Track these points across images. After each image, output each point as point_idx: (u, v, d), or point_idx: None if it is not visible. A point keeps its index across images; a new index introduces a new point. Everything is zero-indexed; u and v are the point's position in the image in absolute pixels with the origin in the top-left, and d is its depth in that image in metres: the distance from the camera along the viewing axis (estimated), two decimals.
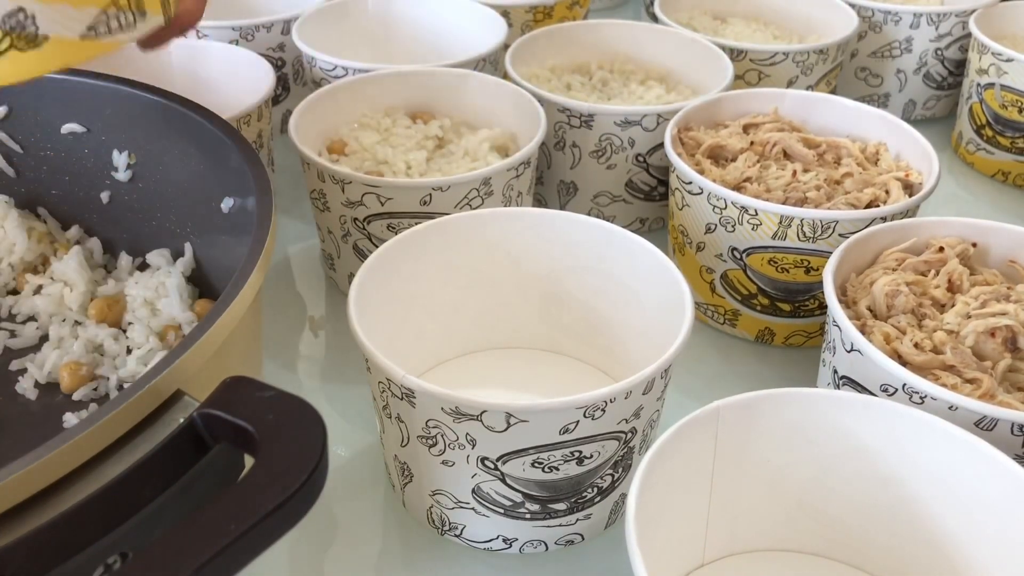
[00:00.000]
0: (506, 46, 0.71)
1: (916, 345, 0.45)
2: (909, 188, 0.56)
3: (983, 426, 0.40)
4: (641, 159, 0.64)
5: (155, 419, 0.31)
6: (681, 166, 0.56)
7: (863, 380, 0.44)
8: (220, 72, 0.70)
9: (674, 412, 0.54)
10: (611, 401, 0.40)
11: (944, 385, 0.42)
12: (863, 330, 0.46)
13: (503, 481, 0.42)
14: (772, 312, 0.57)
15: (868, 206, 0.55)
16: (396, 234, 0.48)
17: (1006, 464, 0.37)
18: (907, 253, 0.50)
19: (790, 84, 0.74)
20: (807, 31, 0.82)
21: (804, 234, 0.52)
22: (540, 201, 0.69)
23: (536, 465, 0.41)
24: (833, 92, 0.79)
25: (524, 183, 0.59)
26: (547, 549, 0.45)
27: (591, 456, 0.42)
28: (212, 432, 0.31)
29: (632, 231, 0.50)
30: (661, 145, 0.63)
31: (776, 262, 0.54)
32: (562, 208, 0.68)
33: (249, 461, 0.31)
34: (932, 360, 0.44)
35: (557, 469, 0.41)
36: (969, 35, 0.78)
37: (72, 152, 0.53)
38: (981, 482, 0.38)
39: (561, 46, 0.74)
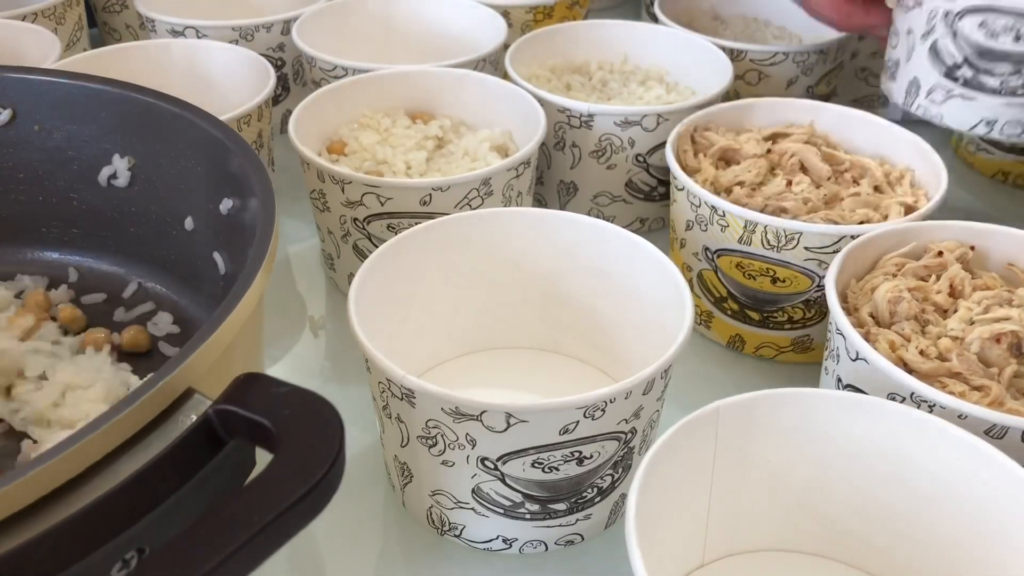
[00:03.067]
0: (506, 46, 0.71)
1: (922, 353, 0.45)
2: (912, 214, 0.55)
3: (993, 434, 0.40)
4: (641, 159, 0.64)
5: (167, 417, 0.31)
6: (670, 160, 0.56)
7: (869, 389, 0.44)
8: (220, 72, 0.70)
9: (672, 412, 0.54)
10: (611, 401, 0.40)
11: (952, 393, 0.42)
12: (867, 338, 0.45)
13: (503, 481, 0.42)
14: (742, 319, 0.56)
15: None
16: (396, 234, 0.48)
17: (1006, 464, 0.37)
18: (906, 258, 0.50)
19: (790, 84, 0.74)
20: (807, 31, 0.82)
21: (768, 242, 0.52)
22: (540, 201, 0.70)
23: (536, 465, 0.41)
24: (833, 92, 0.79)
25: (524, 183, 0.59)
26: (547, 549, 0.45)
27: (591, 456, 0.42)
28: (227, 428, 0.31)
29: (632, 231, 0.50)
30: (661, 145, 0.63)
31: (743, 267, 0.54)
32: (562, 208, 0.68)
33: (261, 457, 0.31)
34: (938, 368, 0.44)
35: (557, 469, 0.41)
36: None
37: (71, 155, 0.52)
38: (981, 482, 0.38)
39: (561, 46, 0.74)
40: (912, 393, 0.42)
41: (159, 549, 0.27)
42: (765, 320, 0.56)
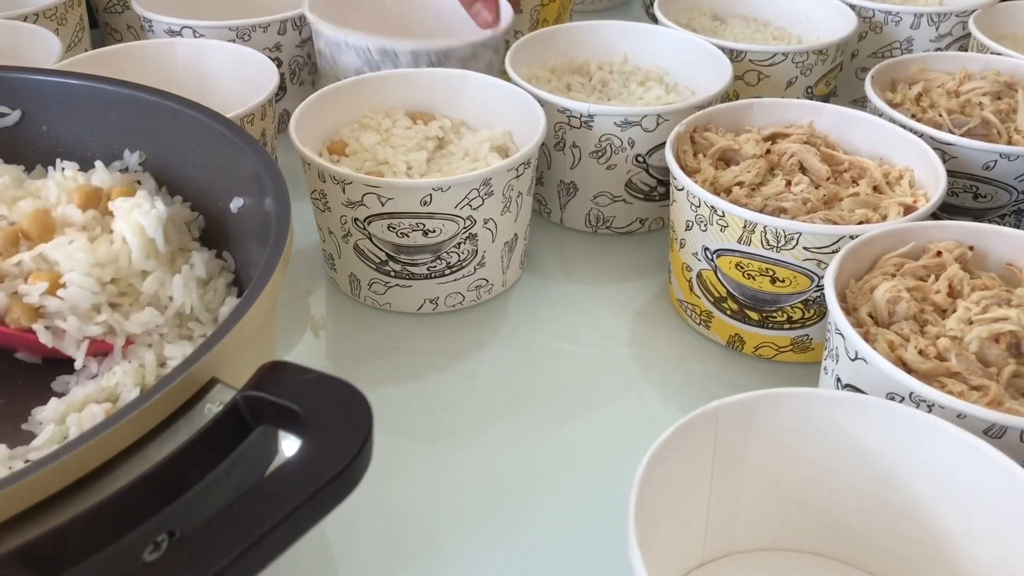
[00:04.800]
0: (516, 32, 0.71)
1: (920, 352, 0.45)
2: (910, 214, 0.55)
3: (992, 433, 0.40)
4: (641, 159, 0.64)
5: (192, 406, 0.32)
6: (669, 160, 0.56)
7: (868, 389, 0.44)
8: (223, 71, 0.70)
9: (671, 412, 0.55)
10: None
11: (951, 393, 0.42)
12: (866, 338, 0.45)
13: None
14: (741, 319, 0.56)
15: None
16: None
17: (1005, 464, 0.37)
18: (905, 258, 0.50)
19: (789, 85, 0.74)
20: (806, 32, 0.82)
21: (767, 242, 0.52)
22: (540, 201, 0.70)
23: None
24: (832, 93, 0.80)
25: (524, 183, 0.59)
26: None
27: None
28: (254, 414, 0.32)
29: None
30: (661, 145, 0.63)
31: (743, 267, 0.54)
32: (561, 208, 0.68)
33: (286, 444, 0.32)
34: (937, 367, 0.44)
35: None
36: (969, 35, 0.78)
37: (80, 155, 0.53)
38: (981, 481, 0.38)
39: (561, 46, 0.74)
40: (911, 393, 0.42)
41: (192, 531, 0.27)
42: (764, 320, 0.56)
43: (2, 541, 0.27)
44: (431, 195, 0.54)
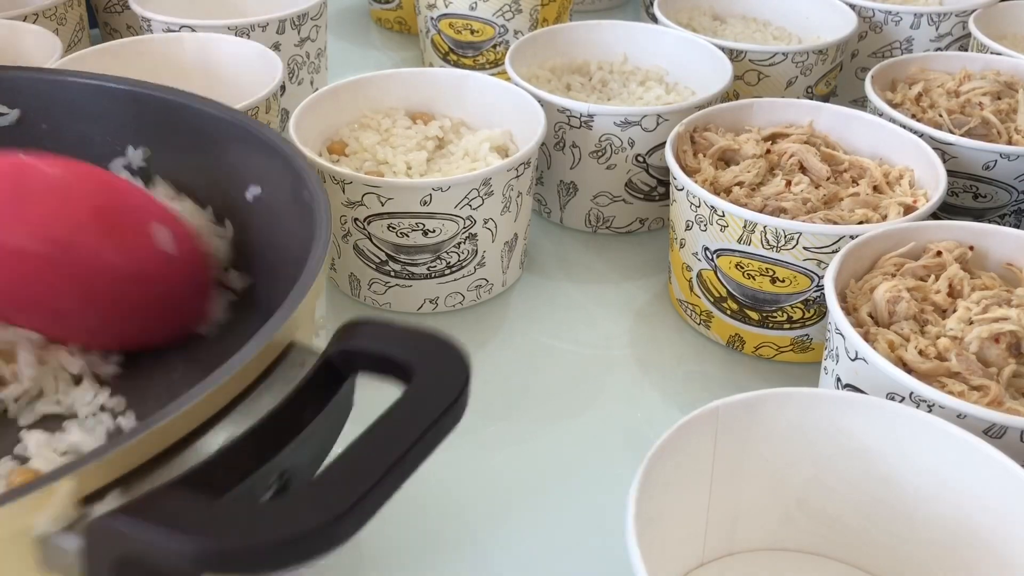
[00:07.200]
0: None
1: (921, 352, 0.45)
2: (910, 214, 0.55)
3: (992, 433, 0.40)
4: (641, 159, 0.64)
5: (275, 367, 0.34)
6: (670, 160, 0.56)
7: (868, 389, 0.44)
8: (230, 64, 0.70)
9: (671, 412, 0.55)
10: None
11: (951, 393, 0.42)
12: (867, 338, 0.45)
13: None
14: (741, 319, 0.57)
15: None
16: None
17: (1005, 464, 0.37)
18: (905, 258, 0.50)
19: (789, 85, 0.74)
20: (806, 32, 0.82)
21: (767, 242, 0.52)
22: (540, 201, 0.70)
23: None
24: (832, 93, 0.80)
25: (524, 183, 0.59)
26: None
27: None
28: (346, 366, 0.34)
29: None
30: (661, 145, 0.63)
31: (743, 267, 0.54)
32: (561, 208, 0.68)
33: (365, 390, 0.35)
34: (937, 367, 0.44)
35: None
36: (969, 35, 0.78)
37: (83, 153, 0.52)
38: (980, 481, 0.38)
39: (561, 46, 0.74)
40: (911, 393, 0.42)
41: (321, 473, 0.29)
42: (764, 320, 0.56)
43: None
44: (431, 195, 0.54)
